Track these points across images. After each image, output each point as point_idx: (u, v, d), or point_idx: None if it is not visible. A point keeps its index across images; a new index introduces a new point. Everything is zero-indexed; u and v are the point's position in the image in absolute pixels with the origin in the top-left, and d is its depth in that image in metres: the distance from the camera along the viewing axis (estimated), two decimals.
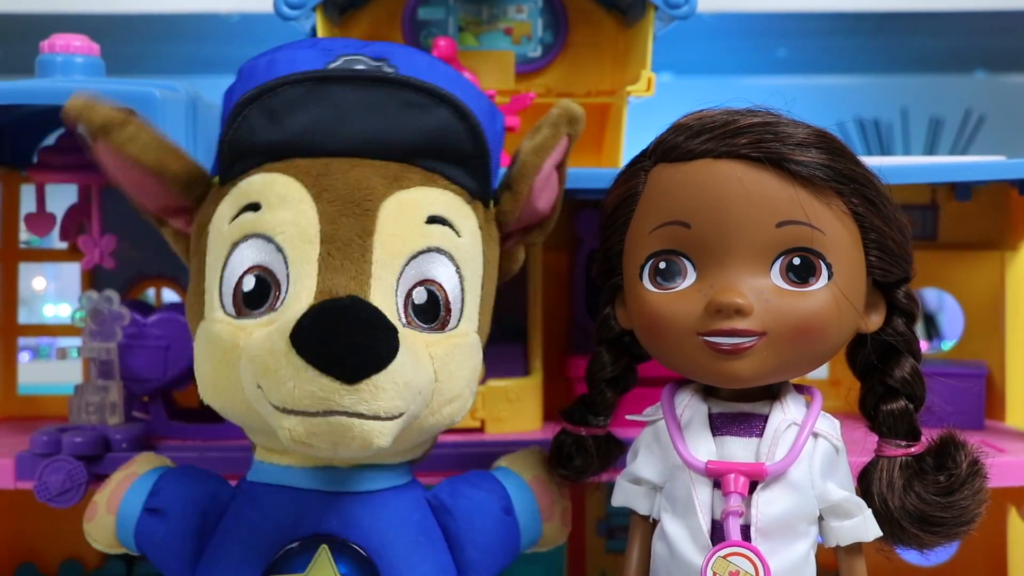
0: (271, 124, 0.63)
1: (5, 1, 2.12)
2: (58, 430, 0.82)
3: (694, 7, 0.92)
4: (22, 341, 1.14)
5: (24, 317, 1.11)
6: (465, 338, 0.65)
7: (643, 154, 0.67)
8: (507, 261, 0.72)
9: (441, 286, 0.63)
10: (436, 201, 0.64)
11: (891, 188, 0.65)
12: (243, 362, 0.60)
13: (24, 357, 2.32)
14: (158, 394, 0.91)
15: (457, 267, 0.64)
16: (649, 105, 0.94)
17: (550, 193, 0.71)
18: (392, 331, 0.57)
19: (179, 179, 0.65)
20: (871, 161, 0.65)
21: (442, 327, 0.63)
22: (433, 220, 0.63)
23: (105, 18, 2.15)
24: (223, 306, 0.62)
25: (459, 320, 0.64)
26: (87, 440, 0.81)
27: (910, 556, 0.72)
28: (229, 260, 0.63)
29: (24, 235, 1.04)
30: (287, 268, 0.61)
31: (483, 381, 0.91)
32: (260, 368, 0.57)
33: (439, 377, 0.62)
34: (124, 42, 2.31)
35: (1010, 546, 0.97)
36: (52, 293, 2.68)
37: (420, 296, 0.63)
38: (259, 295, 0.62)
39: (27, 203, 1.02)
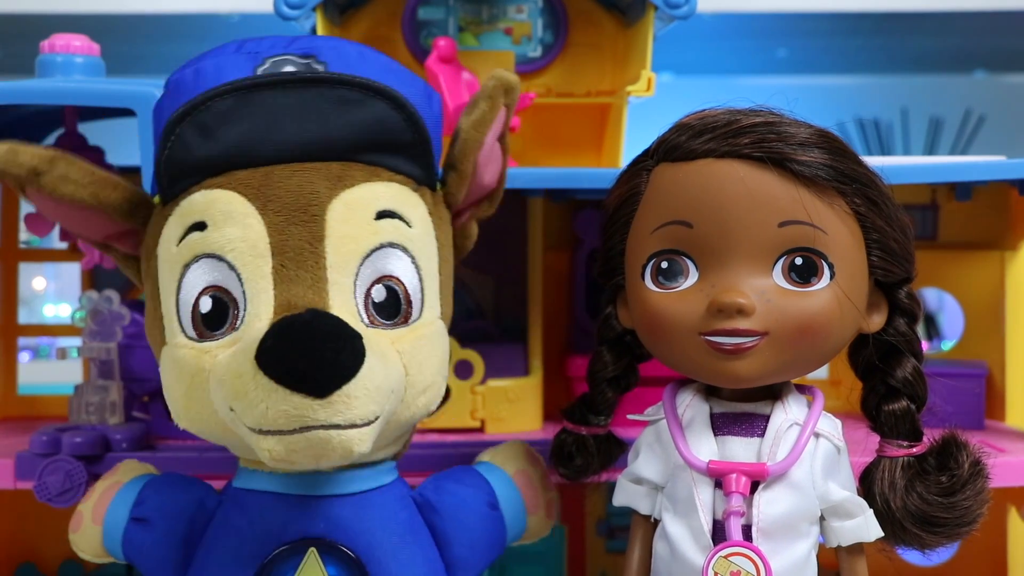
0: (205, 139, 0.62)
1: (5, 1, 2.12)
2: (58, 430, 0.82)
3: (694, 7, 0.92)
4: (22, 341, 1.14)
5: (24, 317, 1.11)
6: (430, 327, 0.65)
7: (645, 154, 0.67)
8: (460, 238, 0.72)
9: (399, 280, 0.63)
10: (382, 195, 0.63)
11: (891, 188, 0.65)
12: (212, 385, 0.60)
13: (24, 357, 2.32)
14: (158, 394, 0.90)
15: (412, 258, 0.64)
16: (649, 105, 0.94)
17: (495, 166, 0.71)
18: (356, 338, 0.56)
19: (120, 208, 0.64)
20: (871, 161, 0.65)
21: (405, 320, 0.63)
22: (382, 215, 0.63)
23: (105, 18, 2.16)
24: (183, 330, 0.62)
25: (421, 311, 0.64)
26: (87, 440, 0.80)
27: (911, 556, 0.72)
28: (182, 283, 0.62)
29: (24, 235, 1.04)
30: (242, 285, 0.60)
31: (483, 381, 0.91)
32: (230, 391, 0.57)
33: (409, 371, 0.62)
34: (124, 42, 2.32)
35: (1010, 546, 0.97)
36: (52, 293, 2.69)
37: (379, 294, 0.62)
38: (218, 316, 0.61)
39: (27, 203, 1.02)
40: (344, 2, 0.97)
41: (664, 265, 0.63)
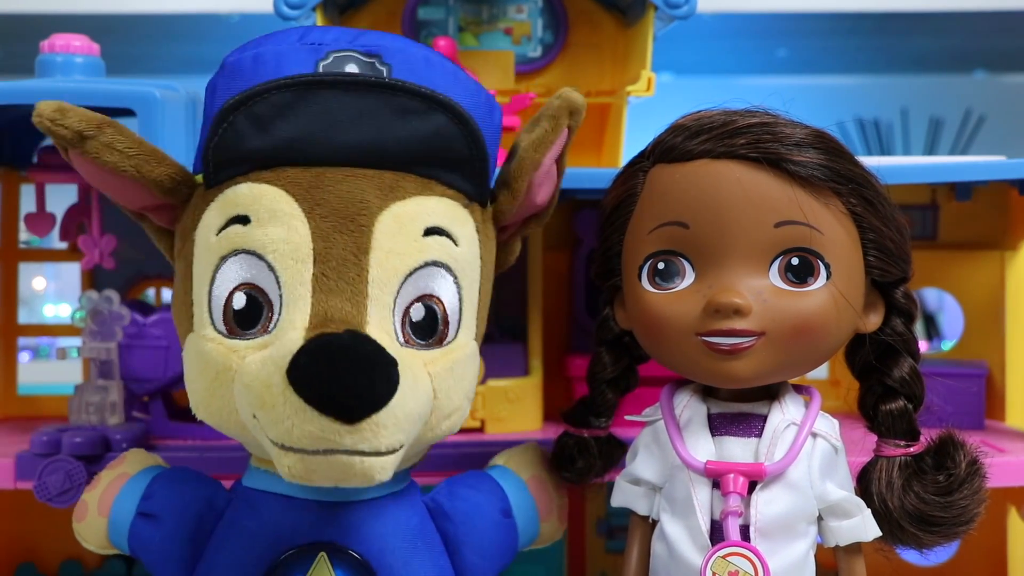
0: (259, 131, 0.60)
1: (5, 1, 2.12)
2: (58, 430, 0.82)
3: (694, 7, 0.92)
4: (22, 341, 1.14)
5: (24, 317, 1.11)
6: (464, 350, 0.63)
7: (641, 155, 0.67)
8: (504, 254, 0.70)
9: (439, 300, 0.61)
10: (433, 211, 0.61)
11: (891, 188, 0.65)
12: (237, 387, 0.58)
13: (24, 357, 2.32)
14: (158, 394, 0.91)
15: (455, 278, 0.62)
16: (649, 105, 0.94)
17: (549, 186, 0.69)
18: (392, 366, 0.55)
19: (161, 184, 0.62)
20: (871, 161, 0.65)
21: (440, 342, 0.61)
22: (430, 232, 0.61)
23: (105, 18, 2.15)
24: (213, 323, 0.60)
25: (457, 332, 0.62)
26: (87, 440, 0.80)
27: (909, 556, 0.72)
28: (217, 274, 0.60)
29: (24, 235, 1.04)
30: (279, 288, 0.59)
31: (483, 381, 0.91)
32: (256, 400, 0.56)
33: (438, 394, 0.60)
34: (124, 42, 2.31)
35: (1010, 546, 0.97)
36: (52, 293, 2.68)
37: (418, 313, 0.61)
38: (251, 314, 0.60)
39: (27, 203, 1.02)
40: (344, 2, 0.97)
41: (661, 266, 0.63)
